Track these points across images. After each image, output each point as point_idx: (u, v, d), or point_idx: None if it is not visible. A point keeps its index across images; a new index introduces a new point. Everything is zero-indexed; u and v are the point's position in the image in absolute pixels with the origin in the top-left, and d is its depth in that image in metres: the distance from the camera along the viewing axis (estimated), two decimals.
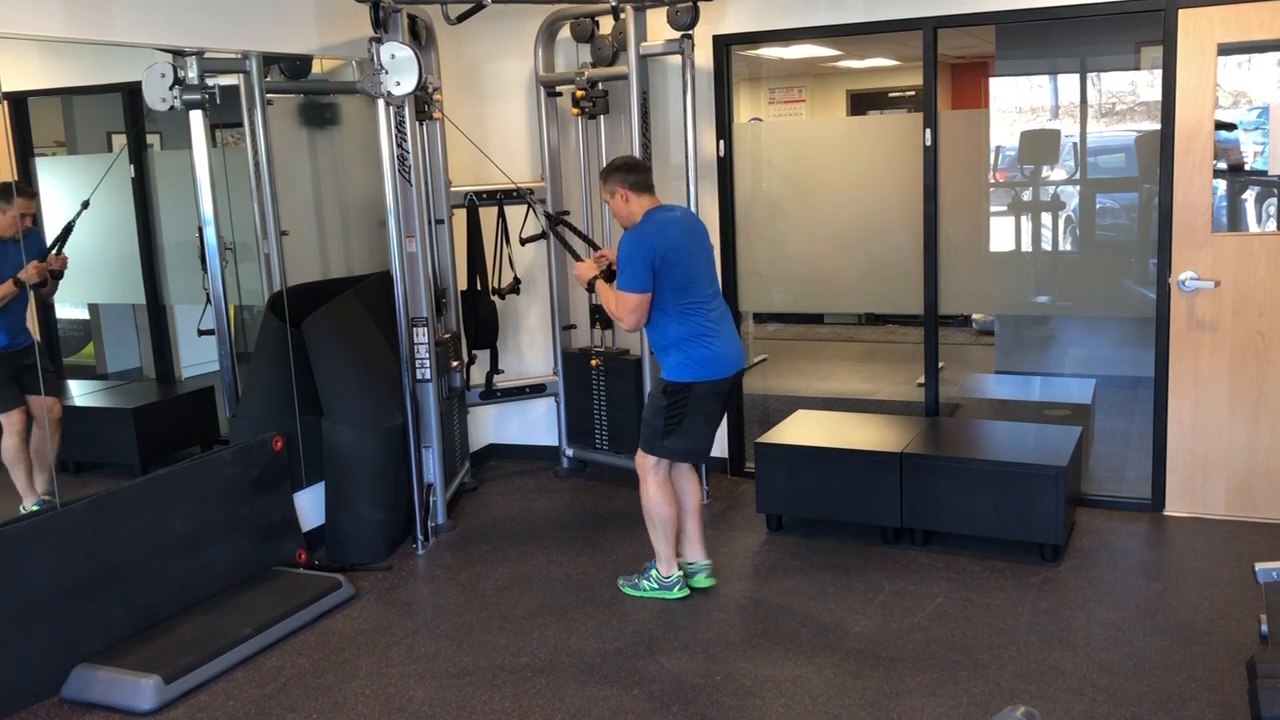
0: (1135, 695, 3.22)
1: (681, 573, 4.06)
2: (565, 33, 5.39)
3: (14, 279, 3.78)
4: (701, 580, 4.10)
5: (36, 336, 3.97)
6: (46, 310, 4.08)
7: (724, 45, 5.16)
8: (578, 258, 4.23)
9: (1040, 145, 5.28)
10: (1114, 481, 5.11)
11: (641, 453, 3.96)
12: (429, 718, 3.27)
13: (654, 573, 4.06)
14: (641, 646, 3.67)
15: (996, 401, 6.28)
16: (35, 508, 3.74)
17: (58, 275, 3.90)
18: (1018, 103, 5.50)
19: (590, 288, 4.04)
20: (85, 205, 3.97)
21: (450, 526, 4.89)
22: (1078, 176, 5.24)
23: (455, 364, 5.18)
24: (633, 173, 3.85)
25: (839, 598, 3.98)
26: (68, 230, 3.92)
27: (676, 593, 4.04)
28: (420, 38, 5.03)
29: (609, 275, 3.98)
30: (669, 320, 3.81)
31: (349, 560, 4.48)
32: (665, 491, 3.96)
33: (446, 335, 5.16)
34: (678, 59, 4.96)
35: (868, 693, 3.30)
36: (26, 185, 3.90)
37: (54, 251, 3.87)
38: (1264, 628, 3.02)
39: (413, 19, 4.86)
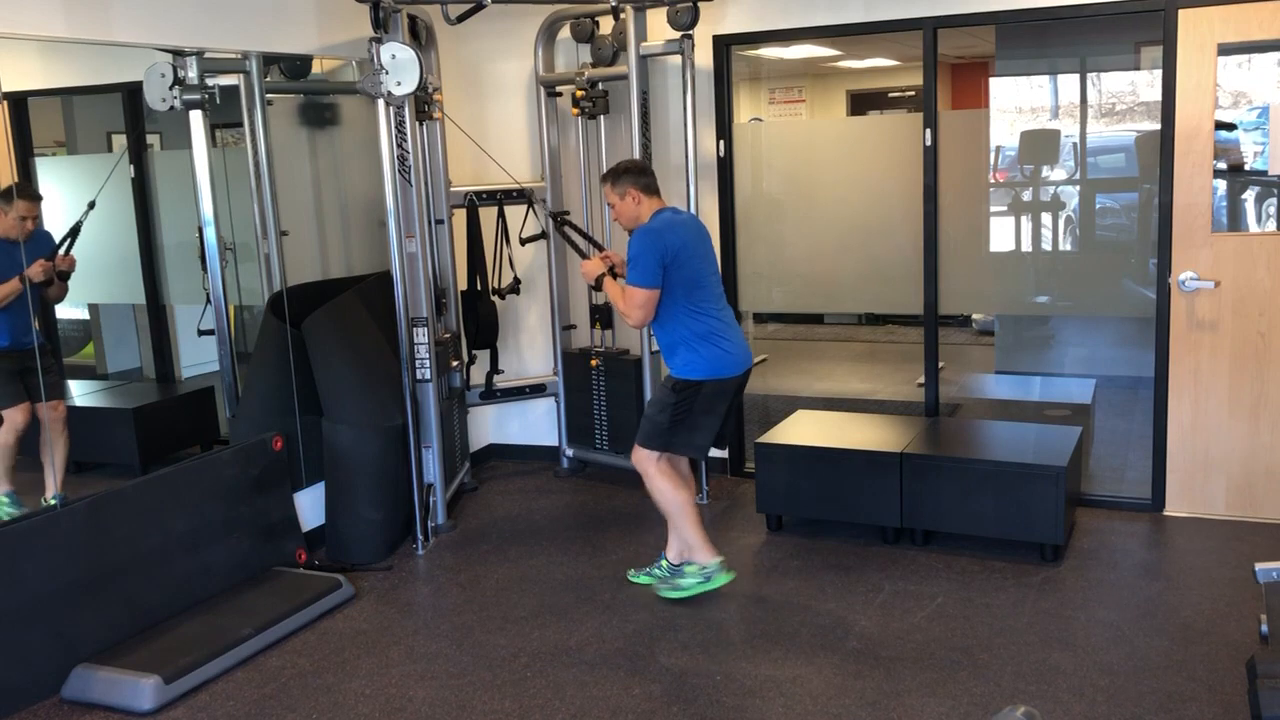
0: (1135, 695, 3.22)
1: (721, 558, 3.97)
2: (565, 33, 5.39)
3: (19, 277, 3.75)
4: (721, 578, 4.06)
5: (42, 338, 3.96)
6: (46, 310, 4.08)
7: (724, 45, 5.16)
8: (584, 255, 4.27)
9: (1040, 145, 5.28)
10: (1114, 481, 5.11)
11: (639, 448, 3.95)
12: (429, 718, 3.27)
13: (691, 568, 3.99)
14: (641, 646, 3.67)
15: (996, 401, 6.28)
16: (4, 500, 3.74)
17: (65, 276, 3.88)
18: (1018, 103, 5.50)
19: (597, 285, 4.04)
20: (92, 205, 3.96)
21: (450, 526, 4.89)
22: (1078, 176, 5.24)
23: (455, 363, 5.19)
24: (644, 175, 3.92)
25: (839, 598, 3.98)
26: (75, 230, 3.91)
27: (721, 579, 3.94)
28: (420, 38, 5.03)
29: (614, 274, 4.02)
30: (678, 319, 3.83)
31: (349, 560, 4.48)
32: (671, 478, 3.93)
33: (446, 335, 5.16)
34: (678, 59, 4.96)
35: (868, 693, 3.30)
36: (28, 186, 3.88)
37: (62, 252, 3.86)
38: (1264, 628, 3.02)
39: (413, 19, 4.86)
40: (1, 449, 3.81)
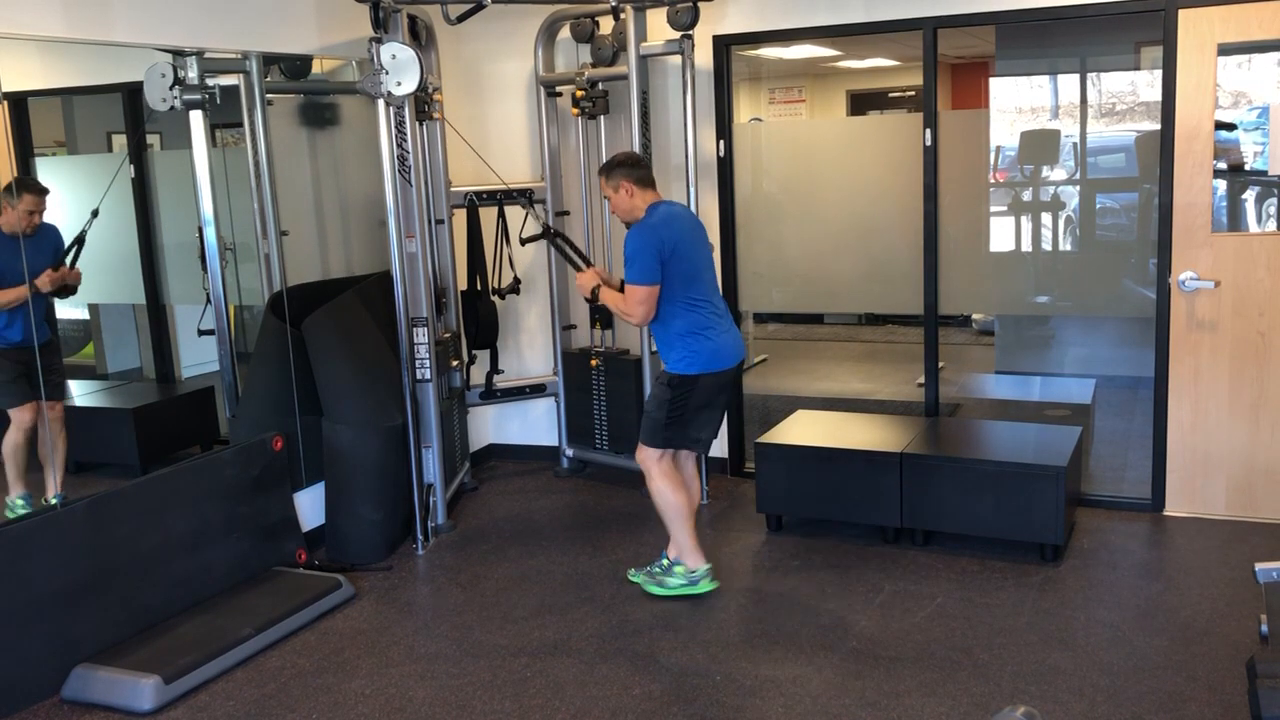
0: (1135, 695, 3.22)
1: (709, 565, 4.05)
2: (565, 33, 5.39)
3: (32, 282, 3.75)
4: (706, 585, 4.10)
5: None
6: (49, 308, 4.07)
7: (724, 45, 5.16)
8: (578, 268, 4.23)
9: (1040, 145, 5.28)
10: (1114, 481, 5.11)
11: (642, 446, 3.97)
12: (429, 718, 3.27)
13: (679, 569, 4.03)
14: (641, 646, 3.67)
15: (996, 401, 6.28)
16: (20, 502, 3.74)
17: (71, 290, 3.89)
18: (1018, 103, 5.50)
19: (594, 297, 4.04)
20: (95, 214, 3.95)
21: (450, 526, 4.89)
22: (1078, 176, 5.24)
23: (455, 363, 5.20)
24: (636, 168, 3.93)
25: (839, 598, 3.98)
26: (79, 242, 3.91)
27: (705, 585, 4.02)
28: (420, 38, 5.03)
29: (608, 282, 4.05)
30: (674, 313, 3.85)
31: (349, 560, 4.48)
32: (672, 479, 3.97)
33: (446, 335, 5.16)
34: (678, 59, 4.96)
35: (868, 693, 3.30)
36: (33, 180, 3.87)
37: (68, 263, 3.86)
38: (1264, 628, 3.02)
39: (413, 19, 4.86)
40: (12, 449, 3.80)
